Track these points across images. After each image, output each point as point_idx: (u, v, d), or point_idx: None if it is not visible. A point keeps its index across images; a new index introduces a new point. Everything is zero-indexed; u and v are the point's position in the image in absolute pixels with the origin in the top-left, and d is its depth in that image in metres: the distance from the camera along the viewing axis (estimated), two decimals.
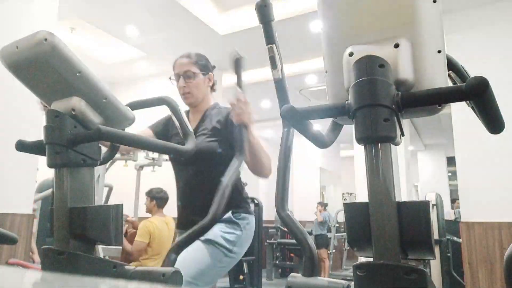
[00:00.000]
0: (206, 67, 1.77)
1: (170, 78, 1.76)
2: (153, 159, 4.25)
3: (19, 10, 2.89)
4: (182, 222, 1.70)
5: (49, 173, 1.12)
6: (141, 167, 4.44)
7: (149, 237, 3.52)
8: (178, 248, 1.07)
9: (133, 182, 4.55)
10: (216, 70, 1.84)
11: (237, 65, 1.47)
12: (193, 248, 1.47)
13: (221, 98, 4.38)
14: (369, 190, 0.77)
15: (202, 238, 1.50)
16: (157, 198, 3.69)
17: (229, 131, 1.60)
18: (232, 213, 1.61)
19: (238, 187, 1.69)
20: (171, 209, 4.12)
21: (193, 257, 1.47)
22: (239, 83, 1.48)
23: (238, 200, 1.66)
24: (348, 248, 7.93)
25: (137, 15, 4.26)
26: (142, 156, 4.18)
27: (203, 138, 1.67)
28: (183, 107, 1.86)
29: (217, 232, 1.55)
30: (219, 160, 1.58)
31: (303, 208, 8.49)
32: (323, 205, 7.57)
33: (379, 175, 0.76)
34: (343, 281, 0.88)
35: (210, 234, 1.51)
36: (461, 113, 3.77)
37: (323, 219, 7.28)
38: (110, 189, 4.22)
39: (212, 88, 1.82)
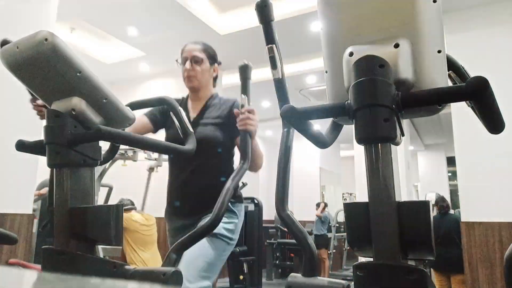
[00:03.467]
0: (213, 57, 1.82)
1: (176, 61, 1.81)
2: (155, 159, 4.25)
3: (19, 10, 2.89)
4: (184, 210, 1.71)
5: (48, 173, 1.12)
6: (152, 168, 4.43)
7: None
8: (179, 248, 1.07)
9: (134, 181, 4.55)
10: None
11: (243, 73, 1.49)
12: (198, 243, 1.50)
13: None
14: (369, 190, 0.77)
15: None
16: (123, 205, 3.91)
17: (232, 123, 1.62)
18: (230, 202, 1.64)
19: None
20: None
21: (200, 252, 1.51)
22: (244, 90, 1.50)
23: (235, 191, 1.70)
24: (348, 248, 7.93)
25: (137, 15, 4.26)
26: (143, 156, 4.17)
27: (208, 127, 1.71)
28: (181, 94, 1.88)
29: (219, 224, 1.57)
30: (222, 150, 1.69)
31: (303, 208, 8.49)
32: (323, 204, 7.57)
33: (379, 175, 0.76)
34: (343, 281, 0.88)
35: None
36: (461, 113, 3.77)
37: (323, 219, 7.29)
38: (110, 189, 4.22)
39: (214, 81, 1.86)
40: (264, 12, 1.00)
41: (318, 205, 7.61)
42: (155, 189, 4.68)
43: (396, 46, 0.78)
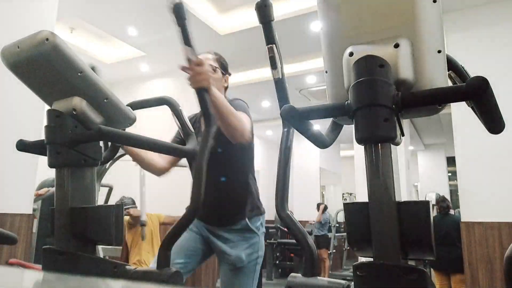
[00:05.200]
0: (225, 68, 1.82)
1: None
2: None
3: (19, 10, 2.89)
4: (203, 216, 1.73)
5: (50, 173, 1.12)
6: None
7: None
8: (169, 243, 1.05)
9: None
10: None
11: (179, 14, 1.15)
12: (235, 281, 1.61)
13: None
14: (369, 190, 0.77)
15: (232, 267, 1.61)
16: (124, 204, 4.00)
17: None
18: (248, 218, 1.65)
19: (251, 187, 1.72)
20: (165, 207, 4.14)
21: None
22: (185, 39, 1.17)
23: (253, 203, 1.70)
24: (348, 248, 7.93)
25: (137, 15, 4.26)
26: None
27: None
28: (196, 110, 1.88)
29: (242, 256, 1.61)
30: (234, 154, 1.67)
31: (303, 208, 8.49)
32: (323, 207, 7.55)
33: (379, 175, 0.76)
34: (343, 281, 0.88)
35: (238, 262, 1.60)
36: (461, 113, 3.77)
37: (323, 221, 7.29)
38: (110, 189, 4.22)
39: (225, 91, 1.85)
40: (264, 12, 1.00)
41: (318, 206, 7.60)
42: (157, 189, 4.67)
43: (396, 46, 0.78)
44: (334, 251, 7.52)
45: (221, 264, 1.67)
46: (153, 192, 4.66)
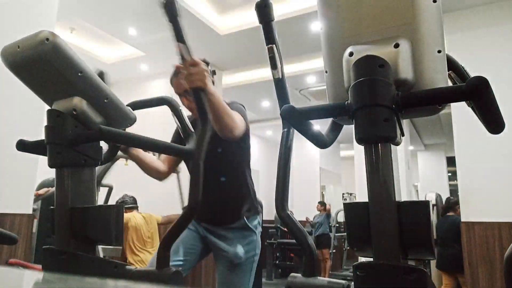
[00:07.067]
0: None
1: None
2: None
3: (19, 9, 2.89)
4: (202, 216, 1.73)
5: (50, 173, 1.11)
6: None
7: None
8: (167, 243, 1.05)
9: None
10: (216, 70, 1.85)
11: (170, 10, 1.12)
12: (232, 279, 1.62)
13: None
14: (369, 190, 0.77)
15: (229, 264, 1.62)
16: (124, 203, 4.01)
17: None
18: (246, 217, 1.67)
19: (249, 187, 1.73)
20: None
21: (237, 286, 1.62)
22: (178, 36, 1.13)
23: (250, 202, 1.71)
24: (348, 248, 7.92)
25: (137, 15, 4.26)
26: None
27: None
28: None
29: (240, 253, 1.63)
30: (223, 150, 1.67)
31: (303, 208, 8.49)
32: (323, 205, 7.58)
33: (379, 175, 0.76)
34: (343, 281, 0.88)
35: (235, 259, 1.62)
36: (461, 113, 3.77)
37: (322, 221, 7.31)
38: (110, 189, 4.22)
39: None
40: (264, 12, 1.00)
41: (321, 204, 7.59)
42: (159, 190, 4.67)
43: (396, 46, 0.78)
44: (334, 251, 7.52)
45: (217, 264, 1.68)
46: (149, 192, 4.66)
